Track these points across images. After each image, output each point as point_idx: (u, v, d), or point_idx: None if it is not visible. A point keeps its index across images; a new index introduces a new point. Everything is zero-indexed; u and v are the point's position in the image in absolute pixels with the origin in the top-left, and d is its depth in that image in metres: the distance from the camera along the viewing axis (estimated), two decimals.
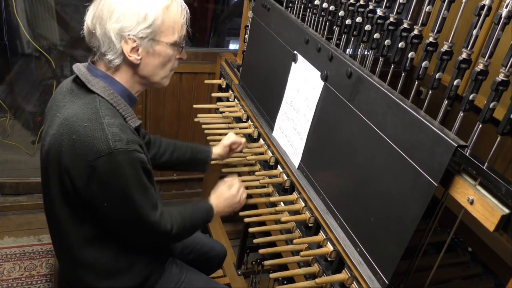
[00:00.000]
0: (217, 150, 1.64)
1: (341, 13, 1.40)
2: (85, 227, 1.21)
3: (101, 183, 1.08)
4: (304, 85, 1.46)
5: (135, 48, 1.13)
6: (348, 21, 1.38)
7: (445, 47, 1.01)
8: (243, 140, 1.67)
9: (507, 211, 0.84)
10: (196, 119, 1.92)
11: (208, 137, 1.85)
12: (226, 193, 1.46)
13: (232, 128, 1.84)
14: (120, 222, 1.18)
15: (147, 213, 1.16)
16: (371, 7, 1.27)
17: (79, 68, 1.18)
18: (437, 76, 1.03)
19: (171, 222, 1.24)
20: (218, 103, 2.05)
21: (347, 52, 1.40)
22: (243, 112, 1.89)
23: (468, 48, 0.96)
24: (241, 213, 1.44)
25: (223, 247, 1.82)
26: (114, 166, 1.05)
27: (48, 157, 1.15)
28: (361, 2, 1.31)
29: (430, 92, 1.07)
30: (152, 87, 1.28)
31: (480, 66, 0.92)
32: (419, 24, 1.09)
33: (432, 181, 0.93)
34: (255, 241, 1.35)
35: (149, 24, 1.11)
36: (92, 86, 1.13)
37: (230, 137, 1.65)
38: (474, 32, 0.94)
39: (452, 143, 0.90)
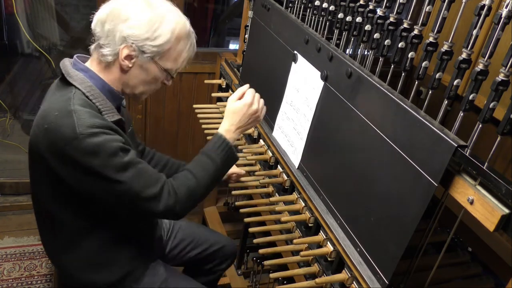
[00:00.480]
0: None
1: (341, 15, 1.40)
2: (73, 218, 1.22)
3: (79, 169, 1.07)
4: (304, 85, 1.46)
5: (131, 56, 1.14)
6: (348, 18, 1.38)
7: (445, 47, 1.01)
8: (243, 172, 1.61)
9: (507, 211, 0.83)
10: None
11: (206, 131, 1.85)
12: (238, 104, 1.28)
13: None
14: (118, 203, 1.16)
15: (140, 190, 1.10)
16: (371, 7, 1.27)
17: (63, 62, 1.19)
18: (437, 76, 1.03)
19: (176, 187, 1.16)
20: (218, 103, 2.05)
21: (347, 52, 1.40)
22: None
23: (468, 48, 0.96)
24: (242, 210, 1.44)
25: (230, 241, 1.76)
26: (84, 151, 1.04)
27: (31, 150, 1.16)
28: (361, 2, 1.31)
29: (430, 92, 1.07)
30: (129, 97, 1.26)
31: (480, 66, 0.92)
32: (419, 24, 1.09)
33: (432, 181, 0.93)
34: (255, 241, 1.35)
35: (157, 44, 1.13)
36: (70, 78, 1.14)
37: (233, 168, 1.51)
38: (474, 32, 0.94)
39: (452, 143, 0.90)
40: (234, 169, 1.60)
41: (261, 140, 1.74)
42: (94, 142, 1.04)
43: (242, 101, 1.29)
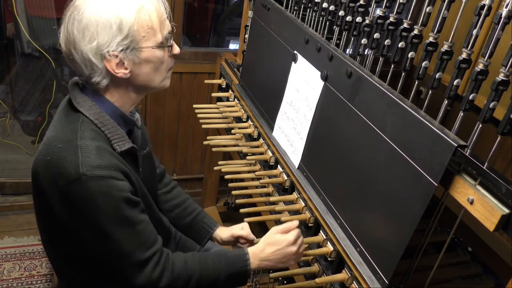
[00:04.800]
0: (222, 233, 1.43)
1: (341, 12, 1.40)
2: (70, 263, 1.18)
3: (75, 210, 1.00)
4: (304, 85, 1.46)
5: (120, 63, 1.02)
6: (348, 18, 1.38)
7: (445, 47, 1.01)
8: (254, 238, 1.37)
9: (507, 211, 0.84)
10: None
11: (203, 125, 1.87)
12: (279, 237, 1.19)
13: (232, 128, 1.85)
14: (102, 256, 1.07)
15: (129, 252, 1.03)
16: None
17: (72, 84, 1.11)
18: (437, 76, 1.03)
19: (166, 267, 1.09)
20: (218, 103, 2.06)
21: (347, 52, 1.40)
22: (243, 112, 1.89)
23: (468, 48, 0.96)
24: (242, 210, 1.44)
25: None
26: (84, 194, 0.96)
27: (32, 177, 1.09)
28: (361, 2, 1.31)
29: (430, 92, 1.07)
30: (153, 92, 1.17)
31: (480, 66, 0.92)
32: (419, 24, 1.09)
33: (432, 181, 0.93)
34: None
35: (126, 34, 1.00)
36: (77, 104, 1.05)
37: (243, 230, 1.38)
38: (474, 32, 0.94)
39: (452, 143, 0.90)
40: (245, 232, 1.39)
41: (260, 139, 1.74)
42: (96, 187, 0.96)
43: (284, 236, 1.19)
